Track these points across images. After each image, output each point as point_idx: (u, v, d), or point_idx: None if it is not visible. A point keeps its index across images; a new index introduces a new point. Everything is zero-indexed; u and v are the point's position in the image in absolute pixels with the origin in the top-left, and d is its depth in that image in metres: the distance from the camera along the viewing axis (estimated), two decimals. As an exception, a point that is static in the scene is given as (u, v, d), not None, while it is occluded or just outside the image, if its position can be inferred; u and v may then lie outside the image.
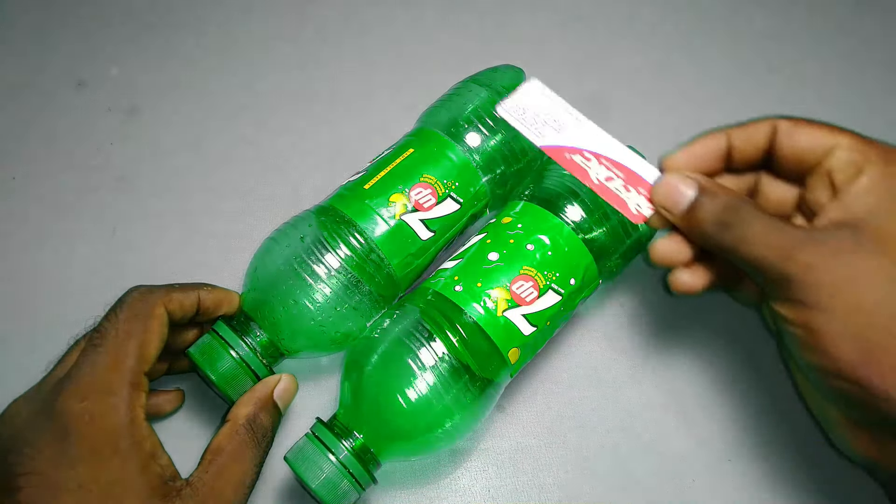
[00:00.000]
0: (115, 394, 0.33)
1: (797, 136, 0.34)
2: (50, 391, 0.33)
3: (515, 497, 0.41)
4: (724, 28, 0.60)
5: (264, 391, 0.37)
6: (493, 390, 0.39)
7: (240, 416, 0.36)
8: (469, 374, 0.37)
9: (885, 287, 0.30)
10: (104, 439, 0.32)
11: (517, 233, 0.40)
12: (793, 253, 0.31)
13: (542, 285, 0.39)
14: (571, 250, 0.40)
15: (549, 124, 0.39)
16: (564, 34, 0.60)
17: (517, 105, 0.40)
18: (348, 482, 0.36)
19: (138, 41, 0.58)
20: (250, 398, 0.37)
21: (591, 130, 0.39)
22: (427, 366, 0.37)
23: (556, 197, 0.42)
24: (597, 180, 0.37)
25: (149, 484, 0.32)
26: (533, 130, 0.39)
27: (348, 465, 0.36)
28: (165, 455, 0.34)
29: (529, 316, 0.39)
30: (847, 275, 0.30)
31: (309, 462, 0.36)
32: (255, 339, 0.39)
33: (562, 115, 0.39)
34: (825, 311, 0.30)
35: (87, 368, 0.33)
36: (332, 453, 0.36)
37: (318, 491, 0.35)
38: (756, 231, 0.32)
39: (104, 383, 0.33)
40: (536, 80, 0.41)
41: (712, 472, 0.42)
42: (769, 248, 0.32)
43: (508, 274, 0.39)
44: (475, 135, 0.44)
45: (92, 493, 0.31)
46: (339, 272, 0.39)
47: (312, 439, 0.37)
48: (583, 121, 0.40)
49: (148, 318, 0.35)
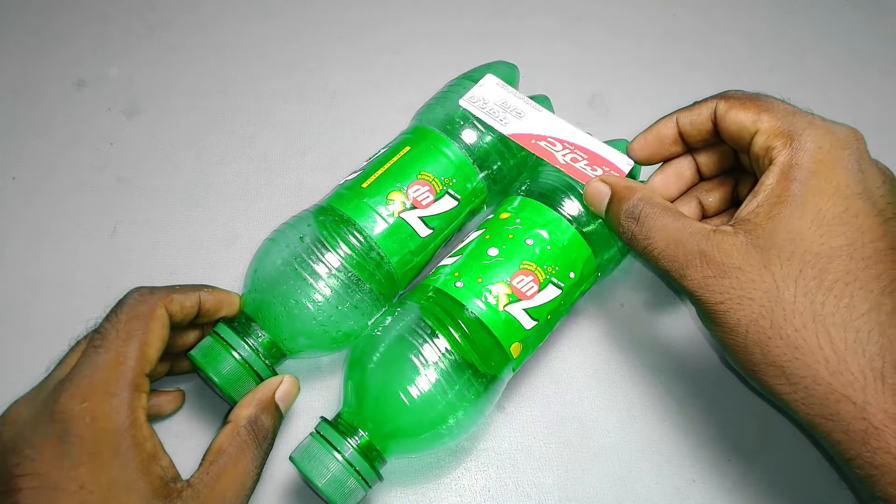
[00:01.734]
0: (115, 395, 0.33)
1: (729, 119, 0.35)
2: (50, 392, 0.33)
3: (515, 497, 0.41)
4: (724, 28, 0.60)
5: (266, 393, 0.37)
6: (496, 384, 0.39)
7: (241, 418, 0.36)
8: (472, 369, 0.37)
9: (764, 304, 0.31)
10: (105, 440, 0.32)
11: (516, 228, 0.40)
12: (689, 259, 0.33)
13: (542, 279, 0.39)
14: (570, 244, 0.40)
15: (509, 112, 0.42)
16: (564, 34, 0.60)
17: (478, 97, 0.42)
18: (355, 480, 0.36)
19: (138, 41, 0.58)
20: (251, 399, 0.37)
21: (549, 118, 0.42)
22: (430, 362, 0.37)
23: (552, 191, 0.42)
24: (563, 161, 0.40)
25: (150, 485, 0.32)
26: (496, 119, 0.42)
27: (354, 463, 0.36)
28: (166, 456, 0.34)
29: (530, 310, 0.39)
30: (734, 287, 0.32)
31: (315, 461, 0.36)
32: (257, 340, 0.39)
33: (520, 105, 0.42)
34: (718, 325, 0.32)
35: (88, 370, 0.33)
36: (337, 451, 0.36)
37: (326, 489, 0.35)
38: (660, 226, 0.34)
39: (105, 384, 0.33)
40: (492, 75, 0.44)
41: (712, 472, 0.42)
42: (668, 243, 0.34)
43: (508, 269, 0.39)
44: (471, 131, 0.44)
45: (93, 495, 0.31)
46: (339, 271, 0.39)
47: (318, 438, 0.37)
48: (541, 110, 0.42)
49: (148, 320, 0.35)
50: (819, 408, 0.30)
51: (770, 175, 0.32)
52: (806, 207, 0.31)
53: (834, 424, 0.30)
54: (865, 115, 0.55)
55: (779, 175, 0.32)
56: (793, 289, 0.30)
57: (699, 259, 0.32)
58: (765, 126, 0.33)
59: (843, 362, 0.29)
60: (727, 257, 0.32)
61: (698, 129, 0.37)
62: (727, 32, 0.60)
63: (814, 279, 0.30)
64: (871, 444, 0.29)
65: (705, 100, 0.36)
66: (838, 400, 0.29)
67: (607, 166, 0.39)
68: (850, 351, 0.29)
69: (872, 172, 0.32)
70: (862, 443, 0.29)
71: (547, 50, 0.59)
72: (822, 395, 0.30)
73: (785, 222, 0.31)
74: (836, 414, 0.29)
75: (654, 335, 0.46)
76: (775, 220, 0.31)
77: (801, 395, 0.30)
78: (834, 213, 0.31)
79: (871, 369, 0.29)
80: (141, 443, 0.32)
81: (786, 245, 0.31)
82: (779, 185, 0.32)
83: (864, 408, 0.29)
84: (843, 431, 0.29)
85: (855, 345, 0.29)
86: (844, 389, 0.29)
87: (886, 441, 0.28)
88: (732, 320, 0.32)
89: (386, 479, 0.40)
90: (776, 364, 0.31)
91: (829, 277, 0.30)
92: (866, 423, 0.29)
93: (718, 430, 0.43)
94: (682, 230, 0.33)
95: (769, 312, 0.31)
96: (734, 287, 0.31)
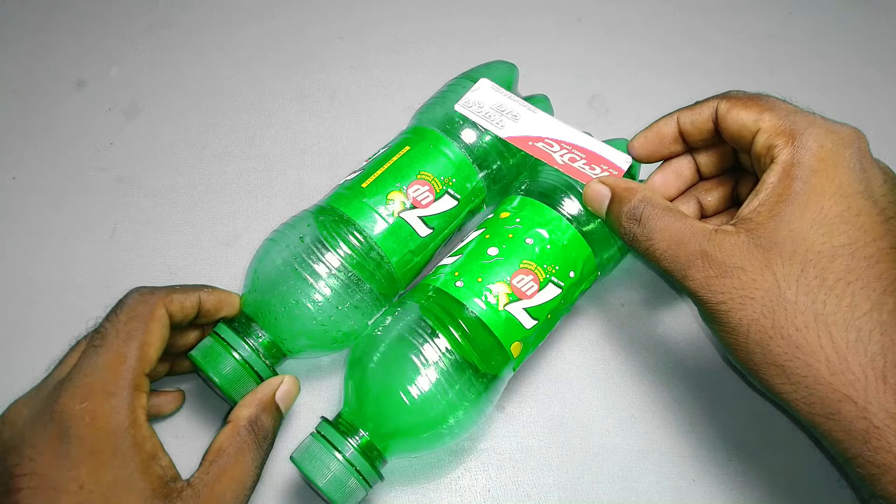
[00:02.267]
0: (115, 395, 0.33)
1: (731, 119, 0.35)
2: (50, 392, 0.33)
3: (516, 497, 0.41)
4: (724, 28, 0.60)
5: (266, 393, 0.37)
6: (496, 384, 0.39)
7: (241, 418, 0.36)
8: (472, 368, 0.37)
9: (766, 303, 0.31)
10: (105, 440, 0.32)
11: (516, 227, 0.40)
12: (691, 260, 0.33)
13: (542, 279, 0.39)
14: (570, 243, 0.40)
15: (505, 115, 0.42)
16: (564, 34, 0.60)
17: (473, 101, 0.42)
18: (356, 480, 0.36)
19: (138, 41, 0.58)
20: (252, 400, 0.37)
21: (545, 119, 0.42)
22: (430, 362, 0.37)
23: (552, 190, 0.42)
24: (562, 161, 0.40)
25: (150, 485, 0.32)
26: (493, 123, 0.42)
27: (355, 463, 0.36)
28: (166, 456, 0.34)
29: (531, 309, 0.39)
30: (736, 287, 0.32)
31: (316, 461, 0.36)
32: (257, 340, 0.39)
33: (516, 107, 0.42)
34: (720, 325, 0.33)
35: (88, 369, 0.33)
36: (338, 451, 0.36)
37: (326, 489, 0.35)
38: (662, 226, 0.34)
39: (105, 384, 0.33)
40: (486, 79, 0.44)
41: (713, 472, 0.41)
42: (670, 244, 0.34)
43: (508, 268, 0.39)
44: (470, 131, 0.44)
45: (92, 494, 0.31)
46: (339, 271, 0.39)
47: (319, 438, 0.37)
48: (537, 112, 0.42)
49: (149, 320, 0.35)
50: (820, 407, 0.30)
51: (772, 173, 0.32)
52: (808, 206, 0.31)
53: (835, 424, 0.30)
54: (865, 115, 0.54)
55: (781, 173, 0.32)
56: (794, 288, 0.30)
57: (701, 259, 0.32)
58: (766, 125, 0.33)
59: (844, 362, 0.29)
60: (729, 257, 0.32)
61: (699, 128, 0.37)
62: (727, 32, 0.60)
63: (815, 278, 0.30)
64: (872, 443, 0.29)
65: (707, 99, 0.36)
66: (839, 399, 0.29)
67: (605, 164, 0.39)
68: (851, 350, 0.29)
69: (874, 172, 0.32)
70: (863, 442, 0.29)
71: (547, 50, 0.58)
72: (823, 395, 0.30)
73: (786, 221, 0.31)
74: (837, 413, 0.29)
75: (654, 335, 0.46)
76: (777, 218, 0.31)
77: (803, 394, 0.30)
78: (836, 211, 0.31)
79: (872, 369, 0.29)
80: (141, 443, 0.32)
81: (787, 244, 0.31)
82: (781, 183, 0.32)
83: (865, 407, 0.29)
84: (844, 431, 0.29)
85: (856, 344, 0.29)
86: (846, 389, 0.29)
87: (888, 440, 0.28)
88: (734, 320, 0.32)
89: (386, 479, 0.40)
90: (777, 363, 0.31)
91: (830, 276, 0.30)
92: (867, 422, 0.29)
93: (719, 429, 0.43)
94: (684, 230, 0.33)
95: (771, 312, 0.31)
96: (736, 287, 0.31)
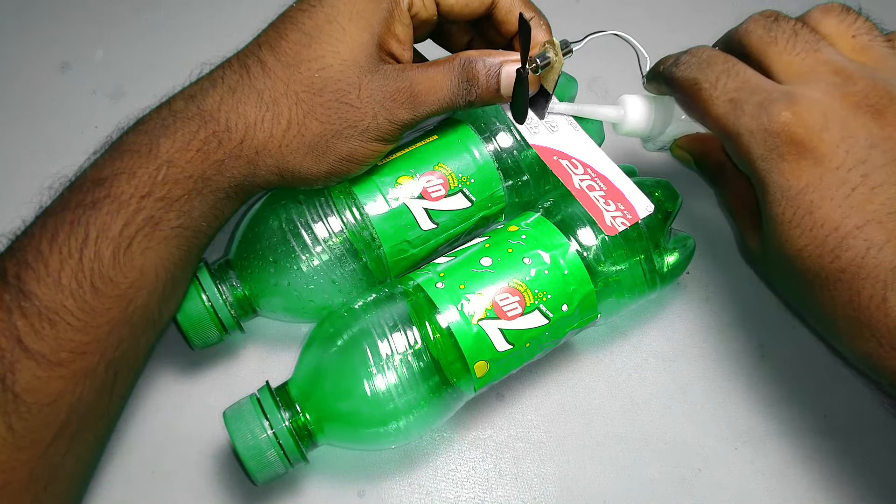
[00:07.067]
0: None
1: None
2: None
3: (516, 487, 0.40)
4: (726, 13, 0.59)
5: (496, 56, 0.36)
6: (452, 398, 0.37)
7: (465, 54, 0.36)
8: (429, 375, 0.36)
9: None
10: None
11: (518, 243, 0.38)
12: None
13: (528, 303, 0.37)
14: (571, 275, 0.37)
15: (544, 123, 0.40)
16: (564, 15, 0.58)
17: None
18: (276, 454, 0.35)
19: (123, 23, 0.57)
20: (483, 52, 0.36)
21: (583, 141, 0.40)
22: (387, 357, 0.35)
23: (572, 219, 0.39)
24: (578, 186, 0.38)
25: (378, 37, 0.34)
26: (528, 126, 0.40)
27: (280, 438, 0.35)
28: (411, 43, 0.36)
29: (507, 332, 0.36)
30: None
31: (242, 423, 0.35)
32: (231, 290, 0.39)
33: (559, 120, 0.40)
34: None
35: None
36: (267, 420, 0.35)
37: (242, 454, 0.34)
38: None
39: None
40: None
41: (719, 461, 0.40)
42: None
43: (496, 283, 0.37)
44: (506, 135, 0.42)
45: (342, 15, 0.34)
46: (324, 242, 0.38)
47: (254, 402, 0.36)
48: (578, 129, 0.40)
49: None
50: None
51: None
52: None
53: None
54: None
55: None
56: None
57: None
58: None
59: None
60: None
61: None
62: (732, 15, 0.59)
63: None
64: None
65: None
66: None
67: (623, 205, 0.37)
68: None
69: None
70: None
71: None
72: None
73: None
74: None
75: (657, 321, 0.44)
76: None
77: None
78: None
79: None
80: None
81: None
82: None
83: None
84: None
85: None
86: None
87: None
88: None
89: (380, 469, 0.39)
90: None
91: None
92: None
93: (724, 417, 0.42)
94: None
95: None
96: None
